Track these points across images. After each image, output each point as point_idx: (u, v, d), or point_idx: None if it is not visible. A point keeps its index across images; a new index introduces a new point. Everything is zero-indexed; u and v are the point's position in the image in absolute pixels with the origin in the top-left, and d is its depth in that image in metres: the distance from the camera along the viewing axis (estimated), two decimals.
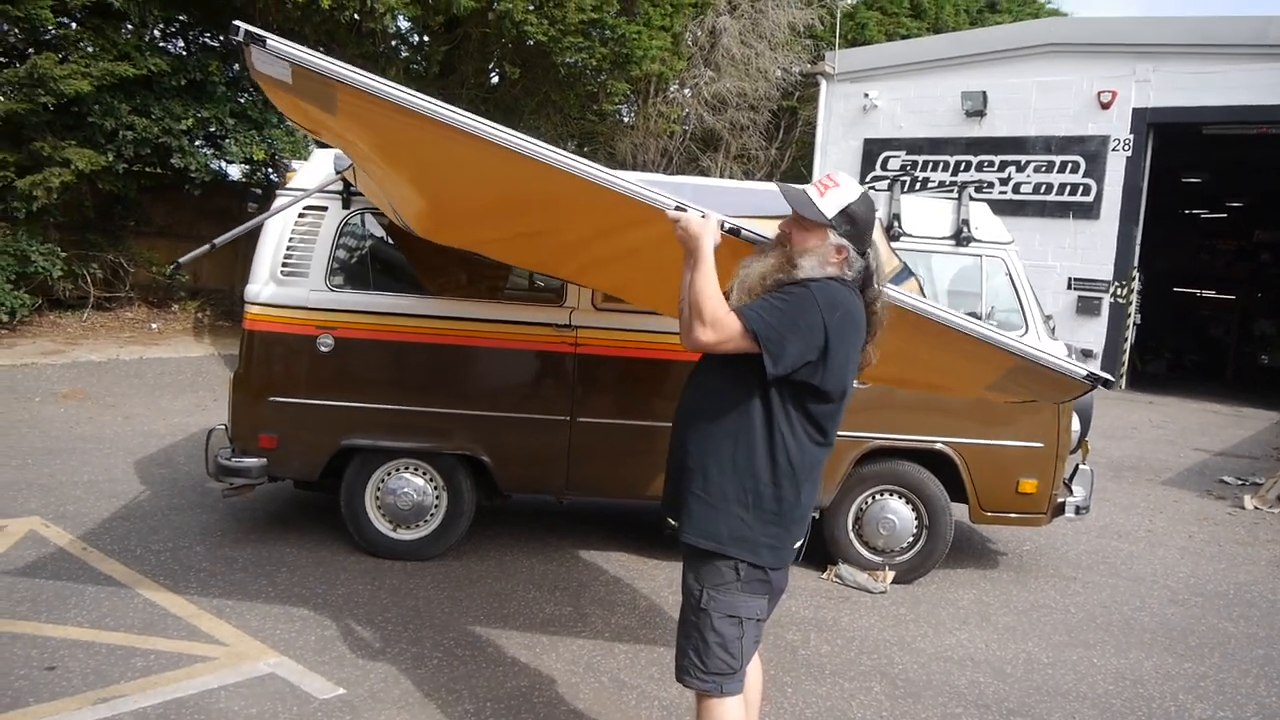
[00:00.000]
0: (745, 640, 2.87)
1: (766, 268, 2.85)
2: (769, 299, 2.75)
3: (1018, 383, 3.70)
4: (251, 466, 5.33)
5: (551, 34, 13.88)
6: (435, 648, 4.42)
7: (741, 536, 2.81)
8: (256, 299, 5.38)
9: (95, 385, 10.37)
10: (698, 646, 2.86)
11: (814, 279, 2.78)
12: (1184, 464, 10.12)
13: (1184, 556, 6.71)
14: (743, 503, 2.81)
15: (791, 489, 2.83)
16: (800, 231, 2.84)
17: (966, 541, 6.48)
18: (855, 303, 2.84)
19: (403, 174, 3.91)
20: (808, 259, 2.80)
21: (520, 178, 3.28)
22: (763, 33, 19.55)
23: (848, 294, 2.81)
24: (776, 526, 2.83)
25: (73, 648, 4.15)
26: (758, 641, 2.96)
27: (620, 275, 4.28)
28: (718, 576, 2.84)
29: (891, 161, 18.37)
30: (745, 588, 2.84)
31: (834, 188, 2.83)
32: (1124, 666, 4.75)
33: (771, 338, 2.68)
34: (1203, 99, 15.17)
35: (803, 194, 2.84)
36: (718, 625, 2.84)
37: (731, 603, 2.84)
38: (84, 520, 5.85)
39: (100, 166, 12.17)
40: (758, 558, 2.82)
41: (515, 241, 4.37)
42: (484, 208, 3.99)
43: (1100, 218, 16.15)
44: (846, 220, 2.80)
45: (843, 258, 2.82)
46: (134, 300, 14.24)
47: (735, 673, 2.86)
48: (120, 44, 12.37)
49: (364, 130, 3.42)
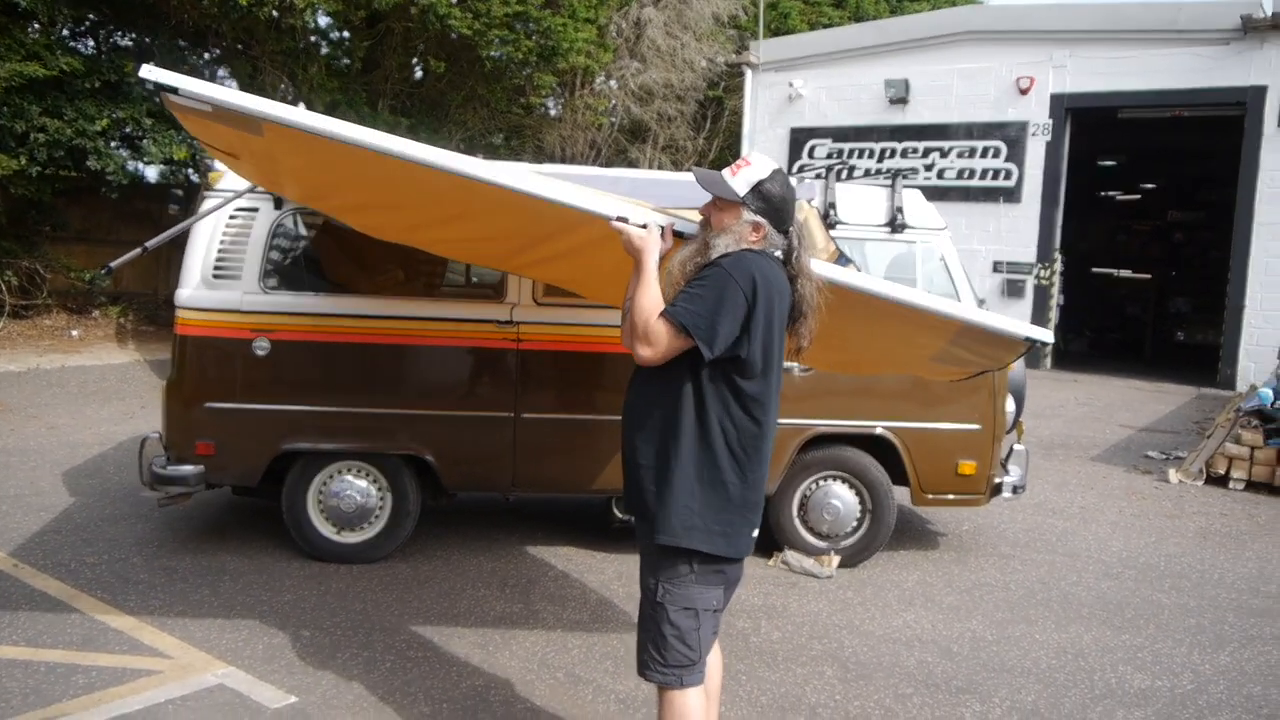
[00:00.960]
0: (703, 631, 2.89)
1: (686, 255, 2.89)
2: (687, 289, 2.77)
3: (961, 348, 3.77)
4: (188, 474, 5.21)
5: (476, 27, 13.76)
6: (387, 650, 4.37)
7: (692, 526, 2.82)
8: (188, 303, 5.25)
9: (15, 396, 10.04)
10: (655, 640, 2.88)
11: (727, 254, 2.81)
12: (1110, 440, 10.41)
13: (1115, 531, 6.90)
14: (690, 492, 2.82)
15: (735, 474, 2.84)
16: (717, 213, 2.88)
17: (907, 524, 6.59)
18: (774, 270, 2.85)
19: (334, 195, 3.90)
20: (723, 238, 2.83)
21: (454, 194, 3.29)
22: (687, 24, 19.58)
23: (764, 261, 2.83)
24: (726, 513, 2.84)
25: (9, 667, 4.02)
26: (715, 632, 2.98)
27: (568, 271, 4.28)
28: (672, 570, 2.86)
29: (818, 149, 18.54)
30: (700, 579, 2.86)
31: (746, 166, 2.87)
32: (1065, 640, 4.87)
33: (700, 325, 2.71)
34: (1118, 84, 15.55)
35: (716, 174, 2.88)
36: (674, 618, 2.85)
37: (687, 595, 2.86)
38: (12, 535, 5.67)
39: (12, 171, 11.77)
40: (713, 546, 2.83)
41: (461, 243, 4.37)
42: (423, 218, 3.98)
43: (1022, 201, 16.48)
44: (759, 198, 2.83)
45: (760, 235, 2.85)
46: (52, 307, 13.82)
47: (694, 664, 2.88)
48: (28, 44, 11.96)
49: (290, 152, 3.40)
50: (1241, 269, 14.63)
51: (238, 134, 3.22)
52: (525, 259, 4.24)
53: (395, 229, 4.31)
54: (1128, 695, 4.30)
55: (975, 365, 4.20)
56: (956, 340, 3.68)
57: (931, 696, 4.20)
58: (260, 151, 3.56)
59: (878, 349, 4.28)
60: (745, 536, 2.93)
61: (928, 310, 3.43)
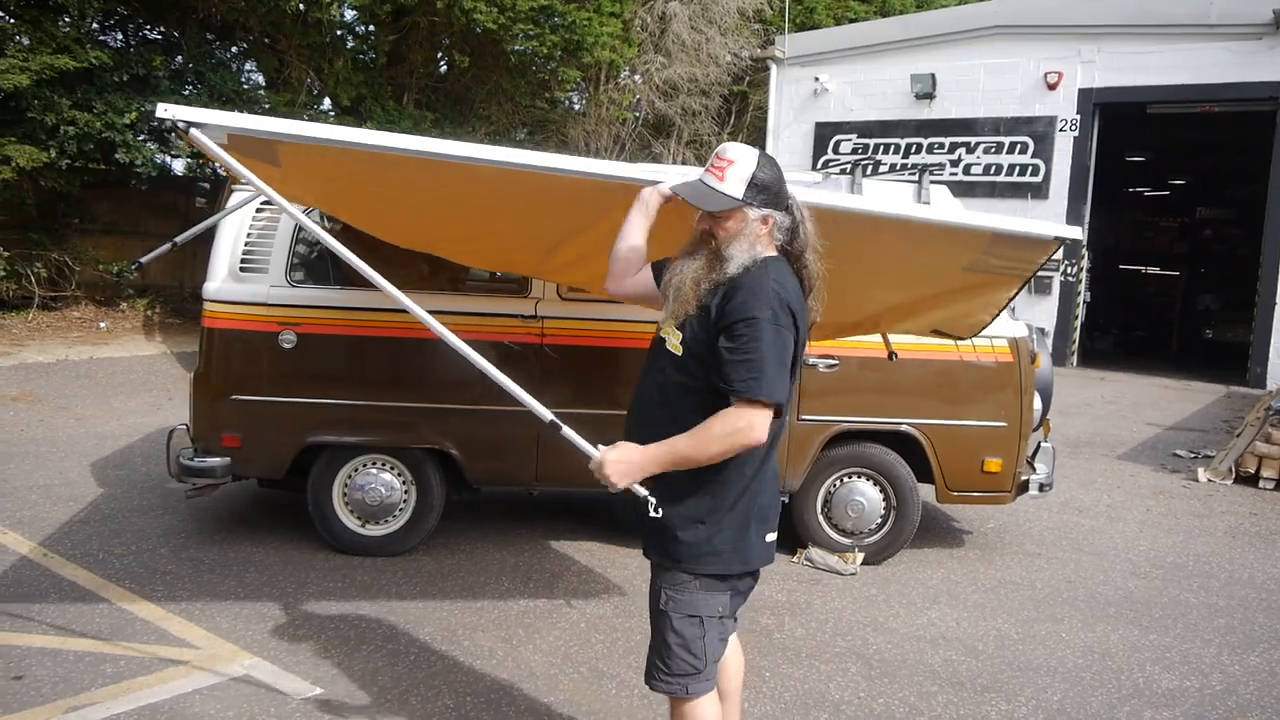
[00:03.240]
0: (708, 639, 2.77)
1: (698, 272, 2.71)
2: (745, 355, 2.56)
3: (993, 256, 3.74)
4: (215, 466, 5.24)
5: (501, 21, 13.77)
6: (411, 643, 4.39)
7: (700, 554, 2.71)
8: (215, 296, 5.29)
9: (45, 387, 10.15)
10: (659, 648, 2.78)
11: (747, 268, 2.65)
12: (1138, 439, 10.32)
13: (1143, 530, 6.84)
14: (697, 517, 2.70)
15: (744, 488, 2.72)
16: (719, 223, 2.70)
17: (932, 521, 6.55)
18: (785, 272, 2.71)
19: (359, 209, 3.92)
20: (736, 246, 2.67)
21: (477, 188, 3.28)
22: (712, 18, 19.55)
23: (777, 270, 2.68)
24: (732, 530, 2.72)
25: (40, 656, 4.06)
26: (724, 640, 2.86)
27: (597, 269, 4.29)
28: (675, 578, 2.75)
29: (843, 145, 18.47)
30: (705, 587, 2.74)
31: (731, 165, 2.68)
32: (1092, 640, 4.84)
33: (781, 396, 2.58)
34: (1147, 79, 15.42)
35: (701, 186, 2.71)
36: (677, 626, 2.74)
37: (690, 602, 2.74)
38: (42, 526, 5.73)
39: (42, 163, 11.87)
40: (720, 566, 2.72)
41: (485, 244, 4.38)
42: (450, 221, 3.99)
43: (1049, 197, 16.38)
44: (758, 191, 2.67)
45: (770, 226, 2.72)
46: (81, 299, 13.94)
47: (699, 673, 2.76)
48: (59, 37, 12.07)
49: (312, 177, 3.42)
50: (1272, 266, 14.47)
51: (259, 165, 3.21)
52: (556, 261, 4.25)
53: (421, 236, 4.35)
54: (1156, 695, 4.26)
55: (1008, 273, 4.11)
56: (988, 250, 3.66)
57: (956, 695, 4.18)
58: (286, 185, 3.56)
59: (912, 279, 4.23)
60: (758, 546, 2.79)
61: (957, 226, 3.44)
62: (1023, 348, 5.64)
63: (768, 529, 2.81)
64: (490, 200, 3.56)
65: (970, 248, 3.68)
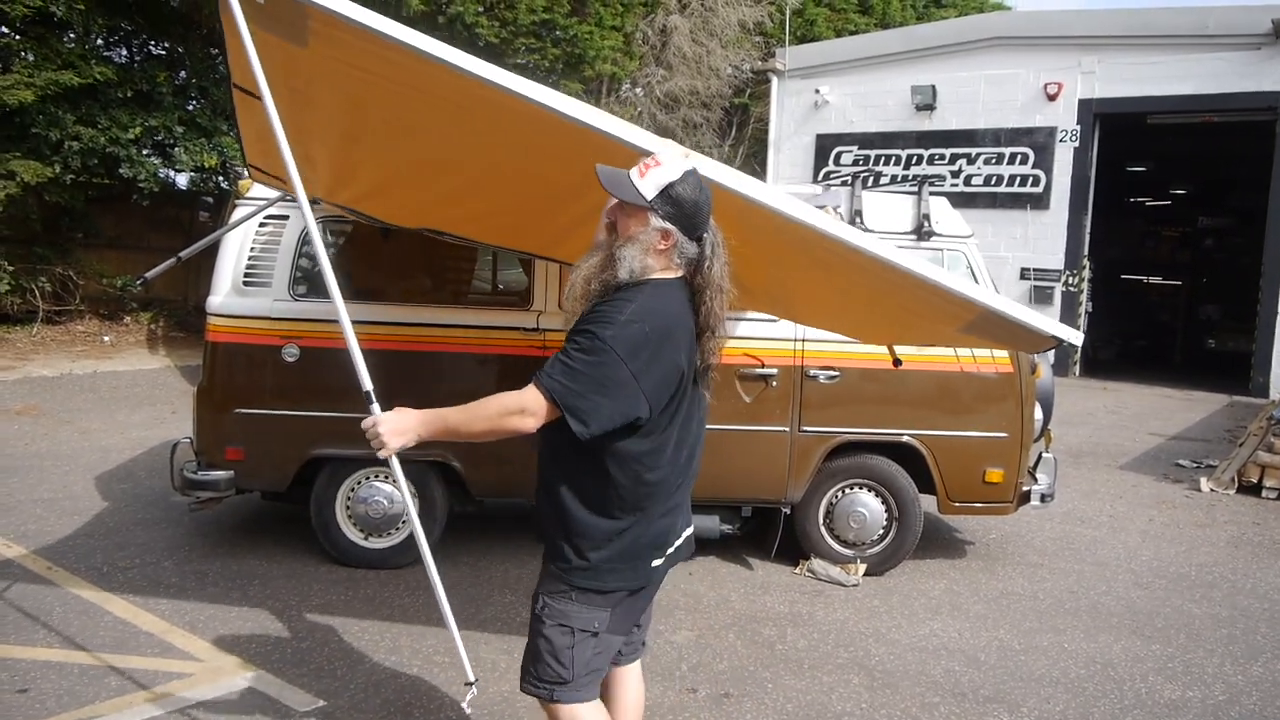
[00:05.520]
0: (577, 651, 2.68)
1: (590, 270, 2.60)
2: (565, 358, 2.48)
3: (988, 328, 3.68)
4: (219, 479, 5.27)
5: (503, 36, 13.85)
6: (414, 655, 4.40)
7: (575, 568, 2.65)
8: (219, 310, 5.32)
9: (49, 400, 10.17)
10: (530, 651, 2.75)
11: (634, 283, 2.54)
12: (1140, 448, 10.32)
13: (1145, 540, 6.84)
14: (577, 532, 2.64)
15: (626, 516, 2.62)
16: (624, 218, 2.58)
17: (934, 532, 6.56)
18: (670, 306, 2.56)
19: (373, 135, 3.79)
20: (629, 249, 2.54)
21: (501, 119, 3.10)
22: (713, 31, 19.62)
23: (651, 310, 2.51)
24: (613, 551, 2.65)
25: (44, 669, 4.08)
26: (601, 654, 2.76)
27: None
28: (553, 586, 2.70)
29: (844, 156, 18.51)
30: (580, 599, 2.67)
31: (655, 167, 2.54)
32: (1094, 650, 4.84)
33: (577, 405, 2.44)
34: (1147, 89, 15.45)
35: (622, 174, 2.56)
36: (548, 632, 2.69)
37: (564, 611, 2.67)
38: (46, 539, 5.75)
39: (46, 178, 11.93)
40: (598, 583, 2.65)
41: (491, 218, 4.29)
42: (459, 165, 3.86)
43: (1050, 208, 16.40)
44: (668, 202, 2.51)
45: (670, 244, 2.56)
46: (85, 313, 13.98)
47: (566, 683, 2.70)
48: (64, 53, 12.14)
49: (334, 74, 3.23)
50: (1274, 275, 14.49)
51: (281, 46, 3.03)
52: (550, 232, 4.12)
53: (419, 205, 4.28)
54: (1159, 706, 4.26)
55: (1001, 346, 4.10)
56: (983, 319, 3.59)
57: (959, 705, 4.18)
58: (297, 88, 3.42)
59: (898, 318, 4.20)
60: (642, 569, 2.69)
61: (950, 291, 3.32)
62: (1023, 358, 5.65)
63: (657, 555, 2.72)
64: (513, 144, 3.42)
65: (964, 311, 3.56)
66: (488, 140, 3.42)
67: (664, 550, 2.75)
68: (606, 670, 2.86)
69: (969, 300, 3.32)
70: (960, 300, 3.34)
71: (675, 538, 2.80)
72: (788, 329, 5.46)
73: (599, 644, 2.73)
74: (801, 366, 5.49)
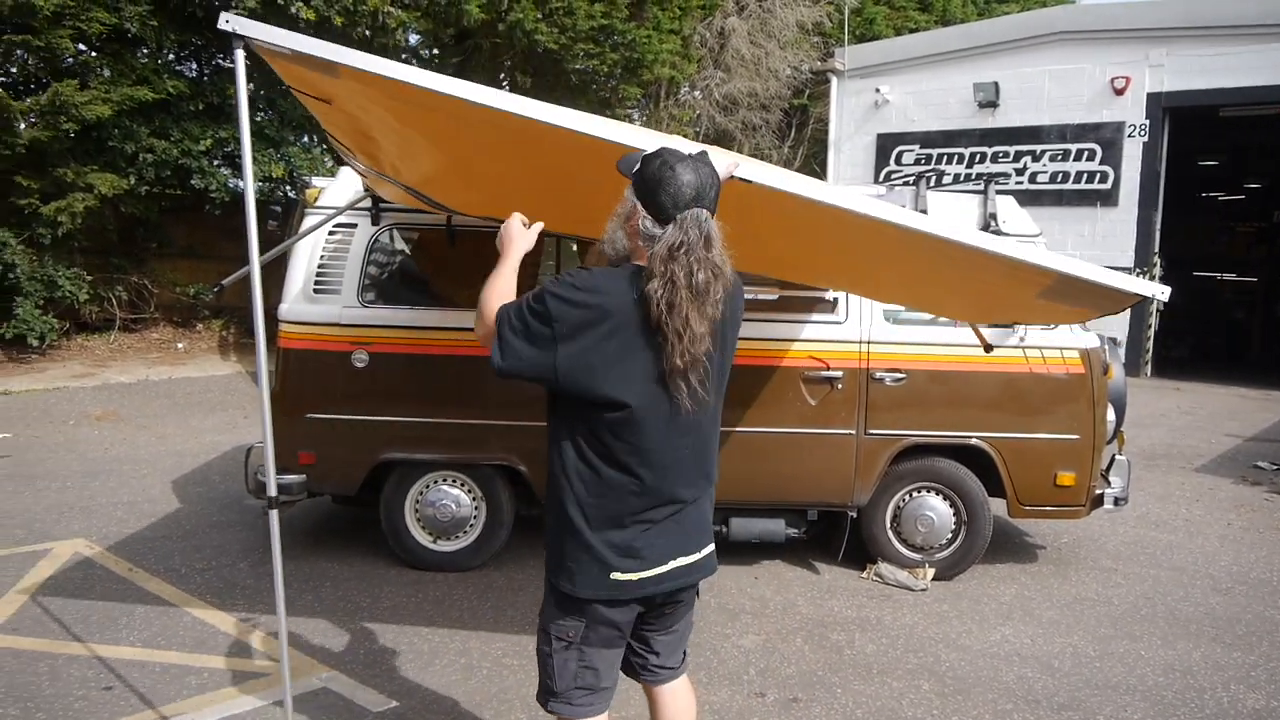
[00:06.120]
0: (556, 660, 2.63)
1: (598, 244, 2.63)
2: (524, 300, 2.50)
3: (1069, 291, 3.64)
4: (291, 483, 5.36)
5: (562, 41, 13.94)
6: (483, 658, 4.45)
7: (549, 561, 2.67)
8: (290, 317, 5.42)
9: (127, 406, 10.46)
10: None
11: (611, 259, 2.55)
12: (1216, 450, 10.07)
13: (1224, 544, 6.68)
14: (552, 523, 2.64)
15: (579, 515, 2.54)
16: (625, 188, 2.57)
17: (1004, 536, 6.46)
18: (613, 300, 2.44)
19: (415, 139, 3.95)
20: (611, 223, 2.54)
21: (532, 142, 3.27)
22: (771, 32, 19.57)
23: (602, 292, 2.45)
24: (571, 547, 2.57)
25: (128, 667, 4.20)
26: (588, 669, 2.65)
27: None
28: (547, 587, 2.70)
29: (905, 155, 18.34)
30: (557, 601, 2.64)
31: (657, 145, 2.56)
32: (1172, 657, 4.73)
33: (505, 336, 2.48)
34: (1218, 81, 15.09)
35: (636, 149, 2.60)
36: (539, 639, 2.70)
37: (547, 612, 2.67)
38: (127, 541, 5.91)
39: (122, 190, 12.31)
40: (562, 581, 2.59)
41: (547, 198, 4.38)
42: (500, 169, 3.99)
43: (1119, 204, 16.09)
44: (638, 175, 2.47)
45: (635, 222, 2.47)
46: (159, 321, 14.37)
47: (557, 695, 2.65)
48: (138, 68, 12.51)
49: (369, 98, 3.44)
50: None
51: (321, 75, 3.29)
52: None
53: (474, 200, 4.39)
54: (1241, 715, 4.16)
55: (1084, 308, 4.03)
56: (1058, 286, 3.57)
57: (1032, 713, 4.12)
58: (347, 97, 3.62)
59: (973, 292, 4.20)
60: (597, 578, 2.55)
61: (1024, 262, 3.32)
62: (1095, 358, 5.55)
63: (620, 569, 2.54)
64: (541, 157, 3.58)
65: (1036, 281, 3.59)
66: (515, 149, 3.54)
67: (630, 567, 2.55)
68: (604, 690, 2.70)
69: (1044, 268, 3.31)
70: (1036, 268, 3.34)
71: (650, 561, 2.57)
72: (853, 331, 5.43)
73: (582, 658, 2.64)
74: (867, 369, 5.44)
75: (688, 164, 2.45)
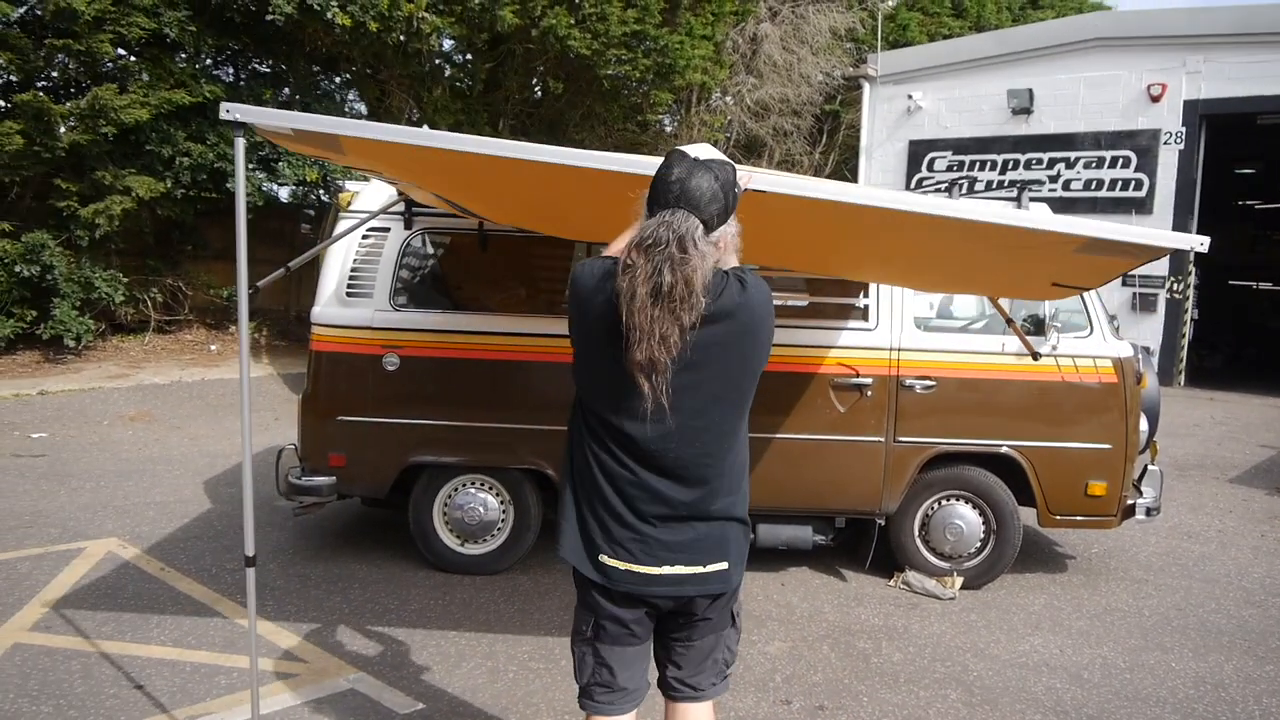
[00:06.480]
0: (576, 655, 2.69)
1: None
2: None
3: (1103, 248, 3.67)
4: (321, 485, 5.41)
5: (595, 47, 13.97)
6: (510, 661, 4.47)
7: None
8: (322, 320, 5.47)
9: (160, 407, 10.58)
10: None
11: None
12: (1250, 461, 9.94)
13: (1258, 557, 6.59)
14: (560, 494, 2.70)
15: (573, 485, 2.61)
16: None
17: (1033, 545, 6.41)
18: (586, 283, 2.47)
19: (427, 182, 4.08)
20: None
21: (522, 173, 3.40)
22: (804, 38, 19.54)
23: (582, 277, 2.48)
24: (568, 519, 2.62)
25: (159, 666, 4.25)
26: (604, 667, 2.64)
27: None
28: None
29: (938, 162, 18.24)
30: (577, 594, 2.68)
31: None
32: (1204, 670, 4.68)
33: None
34: (1256, 88, 14.91)
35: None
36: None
37: (576, 608, 2.72)
38: (159, 540, 5.98)
39: (159, 193, 12.47)
40: (561, 546, 2.63)
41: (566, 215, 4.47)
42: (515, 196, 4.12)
43: (1154, 212, 15.93)
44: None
45: (639, 218, 2.46)
46: (193, 323, 14.53)
47: (580, 690, 2.70)
48: (176, 73, 12.68)
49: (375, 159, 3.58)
50: None
51: (323, 153, 3.46)
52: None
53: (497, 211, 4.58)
54: None
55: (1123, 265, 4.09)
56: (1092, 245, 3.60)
57: None
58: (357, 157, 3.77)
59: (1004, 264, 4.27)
60: (577, 549, 2.59)
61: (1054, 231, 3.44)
62: (1128, 368, 5.50)
63: (601, 551, 2.54)
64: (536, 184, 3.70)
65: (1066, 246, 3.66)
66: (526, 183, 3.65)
67: (618, 554, 2.52)
68: (623, 691, 2.67)
69: (1072, 235, 3.43)
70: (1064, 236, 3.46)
71: (640, 558, 2.52)
72: (883, 338, 5.41)
73: (597, 654, 2.64)
74: (897, 376, 5.42)
75: (685, 165, 2.40)
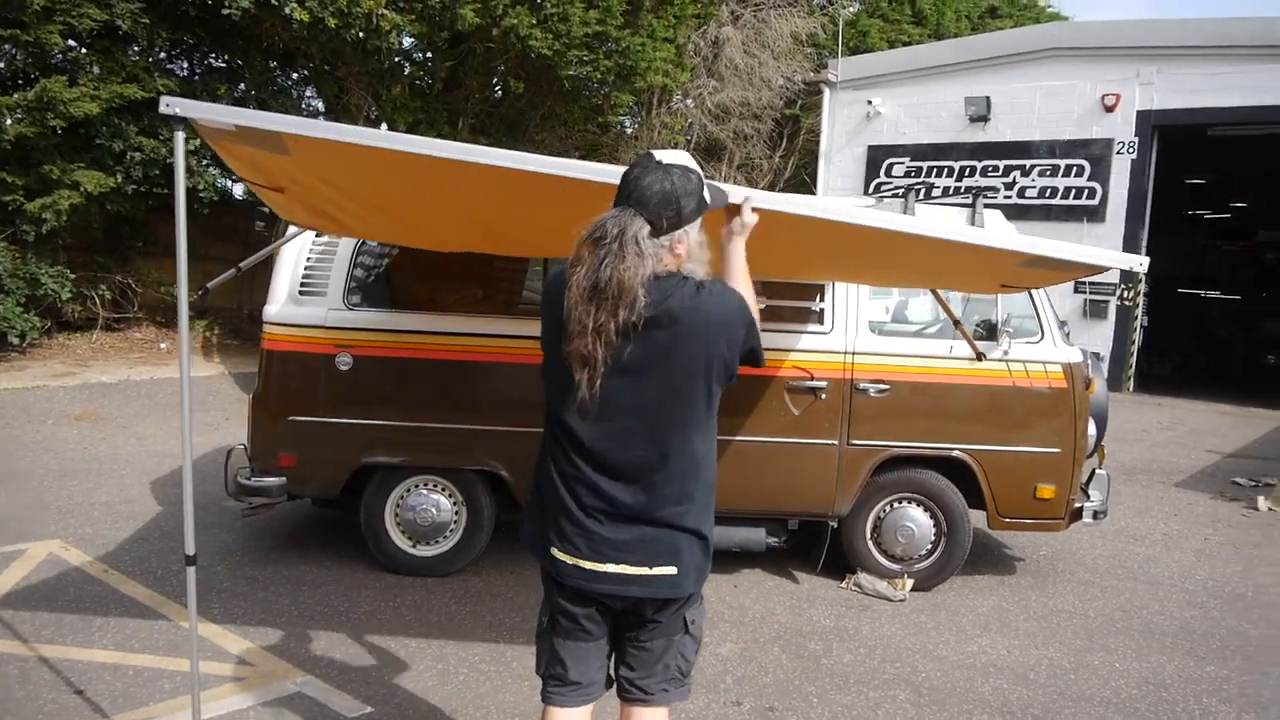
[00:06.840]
0: (538, 644, 2.74)
1: None
2: None
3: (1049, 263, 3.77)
4: (271, 485, 5.35)
5: (556, 48, 13.93)
6: (460, 663, 4.44)
7: None
8: (275, 319, 5.41)
9: (107, 406, 10.40)
10: None
11: None
12: (1196, 466, 10.12)
13: (1200, 559, 6.71)
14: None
15: (538, 477, 2.67)
16: None
17: (983, 547, 6.48)
18: (553, 282, 2.55)
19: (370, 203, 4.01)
20: None
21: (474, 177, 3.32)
22: (765, 42, 19.61)
23: (554, 277, 2.57)
24: (532, 505, 2.71)
25: (100, 670, 4.17)
26: (552, 659, 2.68)
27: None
28: None
29: (896, 168, 18.41)
30: (543, 584, 2.72)
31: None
32: (1147, 670, 4.75)
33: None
34: (1207, 100, 15.21)
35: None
36: None
37: None
38: (103, 542, 5.88)
39: (109, 188, 12.21)
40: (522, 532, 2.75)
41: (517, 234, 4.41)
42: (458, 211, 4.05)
43: (1106, 221, 16.19)
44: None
45: None
46: (142, 321, 14.28)
47: (541, 677, 2.73)
48: (128, 66, 12.44)
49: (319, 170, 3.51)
50: None
51: (271, 158, 3.34)
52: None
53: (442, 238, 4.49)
54: None
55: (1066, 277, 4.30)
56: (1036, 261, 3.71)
57: None
58: (300, 179, 3.67)
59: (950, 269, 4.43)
60: (535, 535, 2.66)
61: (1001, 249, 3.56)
62: (1077, 373, 5.58)
63: (552, 541, 2.57)
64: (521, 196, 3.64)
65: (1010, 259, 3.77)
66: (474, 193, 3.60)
67: (566, 549, 2.54)
68: (574, 685, 2.68)
69: (1018, 252, 3.56)
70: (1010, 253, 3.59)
71: (587, 553, 2.52)
72: (838, 341, 5.45)
73: (552, 646, 2.67)
74: (851, 379, 5.46)
75: (644, 166, 2.44)
